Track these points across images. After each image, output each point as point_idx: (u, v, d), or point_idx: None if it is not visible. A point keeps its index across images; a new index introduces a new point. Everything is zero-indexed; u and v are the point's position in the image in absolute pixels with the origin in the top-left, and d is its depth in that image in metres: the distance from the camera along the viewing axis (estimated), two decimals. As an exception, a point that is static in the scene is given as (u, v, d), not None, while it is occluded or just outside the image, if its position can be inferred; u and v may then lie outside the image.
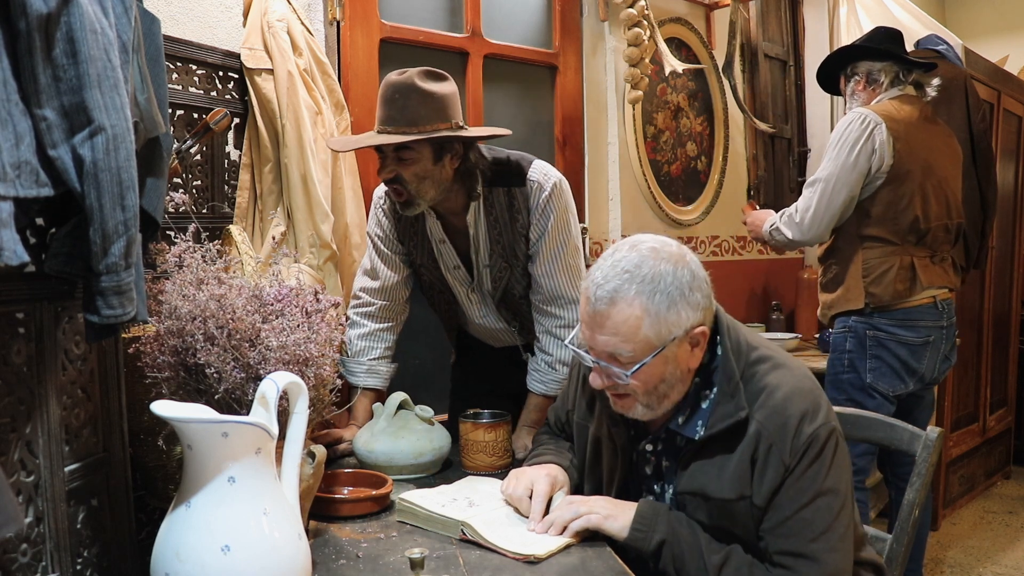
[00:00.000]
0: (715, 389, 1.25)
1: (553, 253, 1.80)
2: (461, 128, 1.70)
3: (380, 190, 1.88)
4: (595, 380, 1.28)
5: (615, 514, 1.29)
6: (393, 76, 1.67)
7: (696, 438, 1.25)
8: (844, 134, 2.39)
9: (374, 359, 1.89)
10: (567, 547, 1.27)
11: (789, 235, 2.50)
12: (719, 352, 1.26)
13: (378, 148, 1.70)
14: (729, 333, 1.27)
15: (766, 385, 1.23)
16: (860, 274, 2.42)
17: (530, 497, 1.36)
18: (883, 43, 2.51)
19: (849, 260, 2.45)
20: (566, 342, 1.37)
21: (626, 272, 1.19)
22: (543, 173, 1.79)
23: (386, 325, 1.92)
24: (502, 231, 1.80)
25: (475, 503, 1.39)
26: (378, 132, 1.68)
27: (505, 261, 1.82)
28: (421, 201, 1.72)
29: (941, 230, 2.46)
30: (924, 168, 2.41)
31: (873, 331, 2.41)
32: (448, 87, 1.68)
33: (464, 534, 1.29)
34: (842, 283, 2.47)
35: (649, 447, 1.35)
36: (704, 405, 1.27)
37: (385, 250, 1.89)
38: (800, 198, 2.49)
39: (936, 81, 2.54)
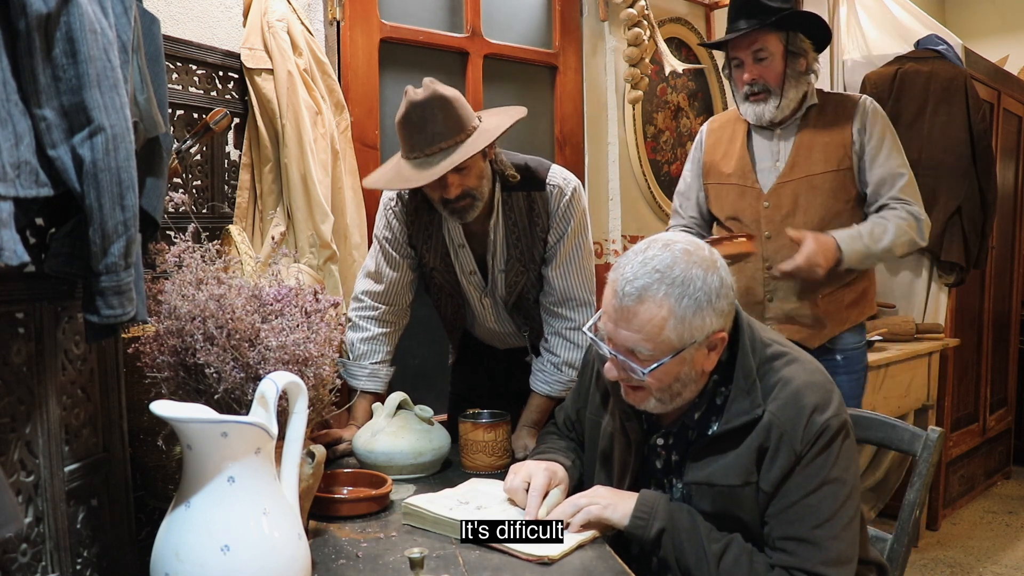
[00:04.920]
0: (731, 386, 1.26)
1: (570, 256, 1.81)
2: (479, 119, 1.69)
3: (391, 192, 1.86)
4: (610, 371, 1.29)
5: (615, 503, 1.29)
6: (412, 98, 1.60)
7: (710, 433, 1.26)
8: (887, 121, 2.11)
9: (376, 363, 1.88)
10: (580, 546, 1.26)
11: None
12: (737, 350, 1.27)
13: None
14: (746, 332, 1.28)
15: (780, 378, 1.24)
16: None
17: (527, 490, 1.36)
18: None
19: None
20: (584, 328, 1.36)
21: (657, 271, 1.19)
22: (563, 178, 1.80)
23: (389, 329, 1.90)
24: (520, 235, 1.80)
25: (483, 506, 1.38)
26: (428, 155, 1.61)
27: (522, 265, 1.82)
28: (481, 202, 1.71)
29: None
30: None
31: None
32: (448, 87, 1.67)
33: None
34: None
35: (660, 441, 1.36)
36: (719, 401, 1.28)
37: (393, 253, 1.86)
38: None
39: None
